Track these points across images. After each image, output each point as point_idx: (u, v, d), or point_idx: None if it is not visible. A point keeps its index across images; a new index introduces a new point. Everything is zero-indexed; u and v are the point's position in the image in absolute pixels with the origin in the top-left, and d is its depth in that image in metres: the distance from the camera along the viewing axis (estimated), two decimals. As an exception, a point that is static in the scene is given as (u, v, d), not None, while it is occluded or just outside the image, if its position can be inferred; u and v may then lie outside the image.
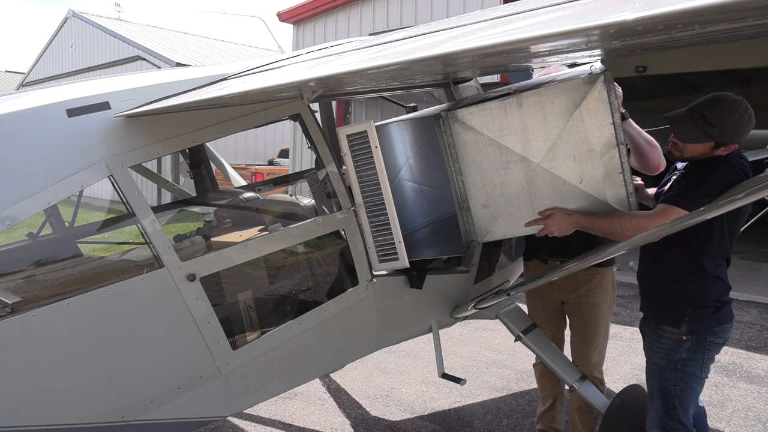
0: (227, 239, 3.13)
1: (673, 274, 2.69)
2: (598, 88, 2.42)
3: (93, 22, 21.11)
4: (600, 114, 2.44)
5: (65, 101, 2.50)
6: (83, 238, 3.50)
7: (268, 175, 13.61)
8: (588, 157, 2.50)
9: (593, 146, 2.48)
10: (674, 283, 2.68)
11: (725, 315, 2.67)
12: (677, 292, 2.66)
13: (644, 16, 1.02)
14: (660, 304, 2.76)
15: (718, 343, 2.68)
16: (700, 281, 2.63)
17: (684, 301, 2.64)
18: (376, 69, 1.88)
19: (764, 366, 5.38)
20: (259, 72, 2.91)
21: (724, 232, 2.61)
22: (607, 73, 2.43)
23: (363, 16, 12.44)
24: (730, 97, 2.58)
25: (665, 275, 2.72)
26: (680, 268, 2.66)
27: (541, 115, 2.50)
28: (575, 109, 2.46)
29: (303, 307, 3.06)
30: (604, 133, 2.46)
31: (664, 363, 2.70)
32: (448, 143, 2.72)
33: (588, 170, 2.53)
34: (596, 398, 3.30)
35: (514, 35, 1.37)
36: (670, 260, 2.69)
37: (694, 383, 2.67)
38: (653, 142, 3.05)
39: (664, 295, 2.72)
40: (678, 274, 2.67)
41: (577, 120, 2.46)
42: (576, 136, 2.49)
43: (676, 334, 2.65)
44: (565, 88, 2.46)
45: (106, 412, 2.38)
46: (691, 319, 2.62)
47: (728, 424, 4.24)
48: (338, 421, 4.21)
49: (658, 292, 2.77)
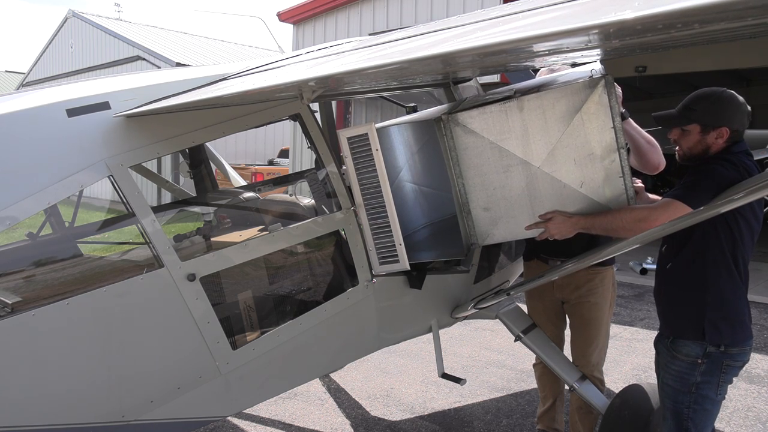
0: (227, 239, 3.13)
1: (687, 284, 2.60)
2: (599, 92, 2.42)
3: (93, 22, 21.11)
4: (601, 118, 2.44)
5: (65, 101, 2.50)
6: (83, 238, 3.50)
7: (268, 175, 13.61)
8: (589, 161, 2.51)
9: (594, 150, 2.49)
10: (689, 293, 2.59)
11: (743, 334, 2.55)
12: (693, 302, 2.57)
13: (644, 15, 1.02)
14: (676, 317, 2.65)
15: (736, 366, 2.56)
16: (715, 290, 2.53)
17: (700, 312, 2.54)
18: (375, 68, 1.88)
19: (764, 366, 5.38)
20: (259, 72, 2.91)
21: (734, 237, 2.52)
22: (607, 77, 2.43)
23: (363, 16, 12.44)
24: (710, 88, 2.62)
25: (679, 286, 2.63)
26: (692, 276, 2.58)
27: (541, 119, 2.51)
28: (576, 113, 2.46)
29: (303, 307, 3.06)
30: (604, 137, 2.46)
31: (677, 386, 2.60)
32: (449, 146, 2.72)
33: (588, 174, 2.53)
34: (596, 398, 3.30)
35: (513, 35, 1.37)
36: (680, 269, 2.61)
37: (709, 405, 2.56)
38: (653, 142, 3.06)
39: (680, 307, 2.63)
40: (691, 282, 2.58)
41: (578, 124, 2.47)
42: (577, 140, 2.49)
43: (691, 357, 2.55)
44: (566, 92, 2.46)
45: (106, 412, 2.38)
46: (708, 334, 2.51)
47: (728, 424, 4.24)
48: (338, 421, 4.21)
49: (674, 304, 2.67)
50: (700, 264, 2.56)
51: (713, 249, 2.53)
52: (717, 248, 2.53)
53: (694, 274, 2.57)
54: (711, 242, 2.52)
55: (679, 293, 2.63)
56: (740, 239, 2.53)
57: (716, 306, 2.53)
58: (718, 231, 2.50)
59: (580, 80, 2.46)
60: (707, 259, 2.54)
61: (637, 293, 7.92)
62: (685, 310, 2.60)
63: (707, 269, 2.54)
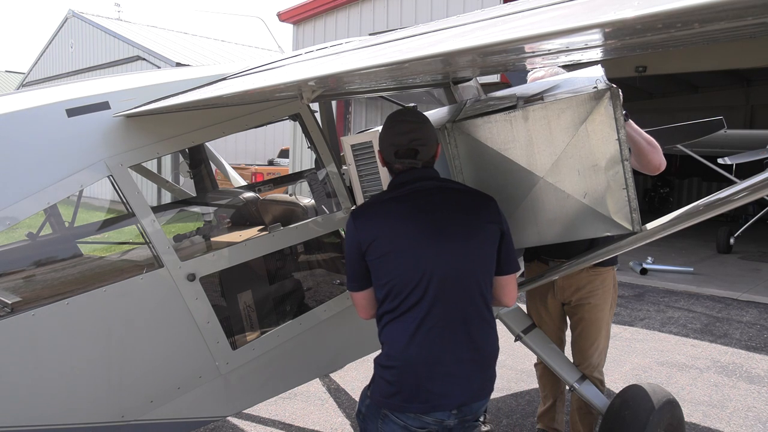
0: (227, 239, 3.13)
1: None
2: (605, 104, 2.42)
3: (93, 22, 21.11)
4: (605, 130, 2.45)
5: (65, 101, 2.50)
6: (83, 238, 3.50)
7: (268, 175, 13.62)
8: (592, 172, 2.51)
9: (598, 161, 2.49)
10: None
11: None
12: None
13: (644, 14, 1.02)
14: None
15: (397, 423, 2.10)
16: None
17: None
18: (375, 68, 1.88)
19: (764, 366, 5.38)
20: (259, 72, 2.91)
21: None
22: (613, 89, 2.43)
23: (363, 16, 12.44)
24: None
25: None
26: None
27: (546, 129, 2.51)
28: (581, 124, 2.46)
29: (303, 307, 3.06)
30: (609, 148, 2.46)
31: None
32: (453, 154, 2.73)
33: (592, 185, 2.53)
34: (596, 398, 3.29)
35: (513, 34, 1.37)
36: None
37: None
38: (653, 143, 3.05)
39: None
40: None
41: (583, 135, 2.47)
42: (581, 151, 2.49)
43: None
44: (571, 103, 2.46)
45: (105, 412, 2.38)
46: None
47: (728, 424, 4.23)
48: (338, 421, 4.21)
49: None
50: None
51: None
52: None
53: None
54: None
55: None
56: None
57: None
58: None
59: (586, 92, 2.46)
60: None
61: (637, 293, 7.92)
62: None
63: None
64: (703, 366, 5.37)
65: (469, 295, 2.10)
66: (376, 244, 2.09)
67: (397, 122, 2.24)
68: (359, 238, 2.12)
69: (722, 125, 8.38)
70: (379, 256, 2.09)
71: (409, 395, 2.06)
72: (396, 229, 2.09)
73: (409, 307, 2.06)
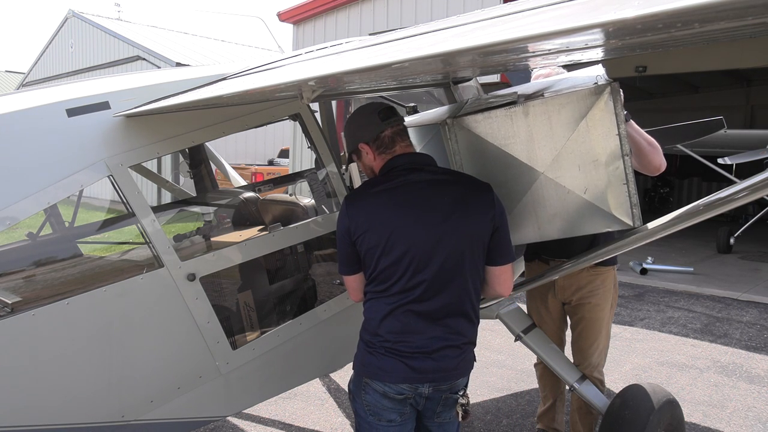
0: (227, 239, 3.13)
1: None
2: (605, 99, 2.42)
3: (93, 22, 21.11)
4: (606, 125, 2.44)
5: (65, 101, 2.50)
6: (83, 238, 3.50)
7: (268, 175, 13.62)
8: (593, 168, 2.51)
9: (598, 157, 2.49)
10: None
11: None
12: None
13: (644, 14, 1.02)
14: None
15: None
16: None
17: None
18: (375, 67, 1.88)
19: (764, 366, 5.38)
20: (259, 72, 2.91)
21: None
22: (613, 84, 2.43)
23: (363, 16, 12.44)
24: None
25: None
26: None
27: (547, 125, 2.51)
28: (581, 119, 2.46)
29: (303, 307, 3.06)
30: (609, 143, 2.46)
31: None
32: (453, 150, 2.72)
33: (592, 180, 2.53)
34: (596, 398, 3.29)
35: (513, 34, 1.37)
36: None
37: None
38: (654, 143, 3.05)
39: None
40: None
41: (583, 130, 2.47)
42: (581, 147, 2.49)
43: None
44: (571, 99, 2.46)
45: (105, 412, 2.38)
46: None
47: (728, 424, 4.24)
48: (338, 421, 4.21)
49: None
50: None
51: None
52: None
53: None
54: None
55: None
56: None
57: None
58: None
59: (586, 87, 2.46)
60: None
61: (637, 293, 7.92)
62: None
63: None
64: (703, 366, 5.37)
65: (455, 286, 2.19)
66: (366, 235, 2.18)
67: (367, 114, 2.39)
68: (351, 226, 2.22)
69: (722, 125, 8.38)
70: (370, 248, 2.19)
71: (384, 363, 2.20)
72: (386, 223, 2.17)
73: (393, 292, 2.18)
